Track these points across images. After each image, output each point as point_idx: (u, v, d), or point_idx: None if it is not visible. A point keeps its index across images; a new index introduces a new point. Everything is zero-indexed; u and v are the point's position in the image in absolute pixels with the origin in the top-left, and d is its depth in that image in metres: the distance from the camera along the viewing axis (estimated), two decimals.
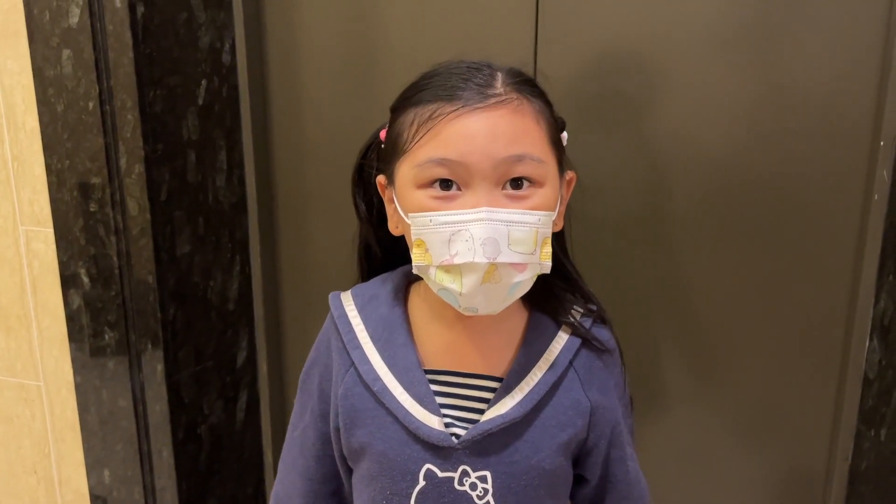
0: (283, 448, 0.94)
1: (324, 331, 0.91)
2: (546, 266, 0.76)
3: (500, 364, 0.84)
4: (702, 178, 1.18)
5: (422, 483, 0.81)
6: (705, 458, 1.30)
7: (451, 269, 0.73)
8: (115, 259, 1.28)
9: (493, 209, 0.72)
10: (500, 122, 0.73)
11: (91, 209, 1.27)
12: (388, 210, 0.83)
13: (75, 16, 1.18)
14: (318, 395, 0.89)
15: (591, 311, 0.88)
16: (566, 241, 0.89)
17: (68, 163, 1.26)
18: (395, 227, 0.83)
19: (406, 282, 0.89)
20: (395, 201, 0.79)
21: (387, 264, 0.93)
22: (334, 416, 0.86)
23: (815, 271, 1.17)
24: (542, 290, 0.82)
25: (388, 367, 0.83)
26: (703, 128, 1.16)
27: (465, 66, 0.76)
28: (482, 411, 0.82)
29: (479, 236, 0.71)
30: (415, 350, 0.83)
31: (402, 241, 0.83)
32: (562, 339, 0.85)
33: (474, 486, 0.81)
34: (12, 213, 1.35)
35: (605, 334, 0.88)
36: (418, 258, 0.75)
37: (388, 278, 0.90)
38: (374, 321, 0.85)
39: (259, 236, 1.43)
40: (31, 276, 1.38)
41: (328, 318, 0.89)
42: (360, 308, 0.87)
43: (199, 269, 1.35)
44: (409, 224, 0.76)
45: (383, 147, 0.83)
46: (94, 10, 1.18)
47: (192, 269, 1.34)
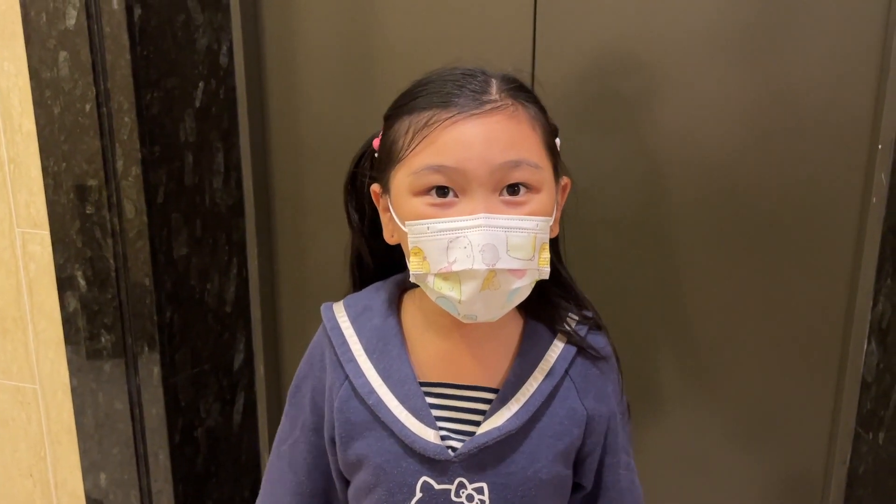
0: (267, 464, 0.93)
1: (316, 343, 0.89)
2: (545, 272, 0.76)
3: (495, 375, 0.83)
4: (700, 181, 1.18)
5: (418, 495, 0.80)
6: (704, 462, 1.30)
7: (450, 276, 0.73)
8: (112, 261, 1.28)
9: (491, 215, 0.71)
10: (497, 129, 0.73)
11: (88, 211, 1.26)
12: (383, 219, 0.82)
13: (72, 18, 1.18)
14: (311, 408, 0.88)
15: (587, 318, 0.88)
16: (560, 246, 0.89)
17: (65, 165, 1.25)
18: (391, 236, 0.82)
19: (399, 291, 0.88)
20: (390, 210, 0.79)
21: (379, 274, 0.92)
22: (329, 428, 0.85)
23: (813, 274, 1.17)
24: (538, 298, 0.81)
25: (382, 380, 0.82)
26: (702, 130, 1.16)
27: (459, 73, 0.76)
28: (478, 423, 0.81)
29: (477, 243, 0.71)
30: (409, 362, 0.83)
31: (394, 250, 0.83)
32: (557, 348, 0.84)
33: (471, 498, 0.80)
34: (8, 215, 1.34)
35: (600, 341, 0.88)
36: (416, 266, 0.75)
37: (381, 287, 0.89)
38: (367, 332, 0.85)
39: (256, 239, 1.42)
40: (28, 278, 1.37)
41: (320, 330, 0.88)
42: (353, 319, 0.86)
43: (196, 271, 1.35)
44: (405, 232, 0.75)
45: (377, 156, 0.82)
46: (91, 12, 1.18)
47: (189, 272, 1.34)
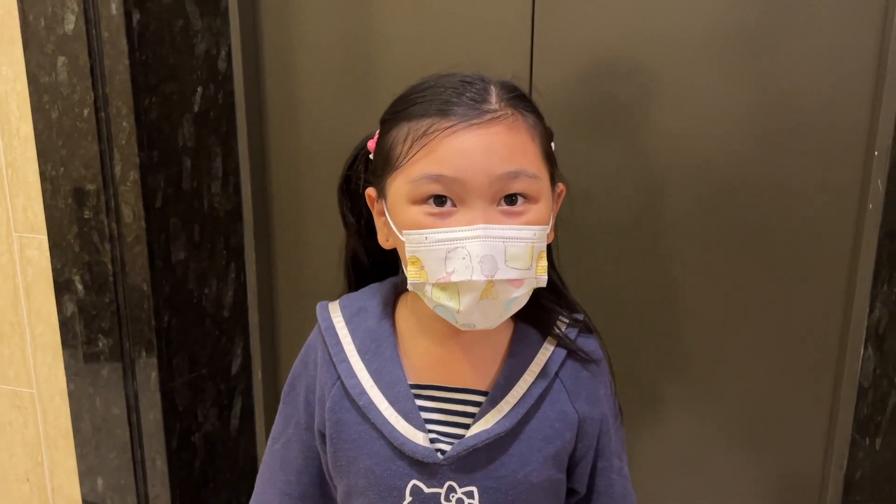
0: (261, 463, 0.93)
1: (310, 342, 0.90)
2: (542, 280, 0.76)
3: (485, 377, 0.83)
4: (697, 186, 1.18)
5: (408, 499, 0.80)
6: (700, 467, 1.30)
7: (448, 286, 0.73)
8: (110, 266, 1.27)
9: (490, 226, 0.71)
10: (496, 139, 0.73)
11: (86, 216, 1.26)
12: (378, 224, 0.82)
13: (71, 23, 1.18)
14: (304, 407, 0.88)
15: (577, 322, 0.87)
16: (554, 251, 0.89)
17: (63, 170, 1.25)
18: (386, 241, 0.82)
19: (395, 293, 0.88)
20: (386, 215, 0.79)
21: (375, 274, 0.92)
22: (321, 427, 0.85)
23: (810, 280, 1.17)
24: (529, 301, 0.81)
25: (374, 381, 0.82)
26: (698, 136, 1.16)
27: (457, 80, 0.76)
28: (468, 426, 0.81)
29: (476, 253, 0.71)
30: (401, 364, 0.83)
31: (390, 251, 0.83)
32: (547, 351, 0.84)
33: (461, 502, 0.80)
34: (6, 219, 1.34)
35: (591, 344, 0.87)
36: (413, 276, 0.75)
37: (377, 290, 0.89)
38: (361, 333, 0.85)
39: (254, 243, 1.42)
40: (25, 282, 1.37)
41: (315, 330, 0.88)
42: (348, 320, 0.86)
43: (194, 276, 1.35)
44: (402, 241, 0.75)
45: (373, 159, 0.82)
46: (90, 17, 1.18)
47: (186, 277, 1.34)
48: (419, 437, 0.80)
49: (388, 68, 1.29)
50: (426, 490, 0.80)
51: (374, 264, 0.92)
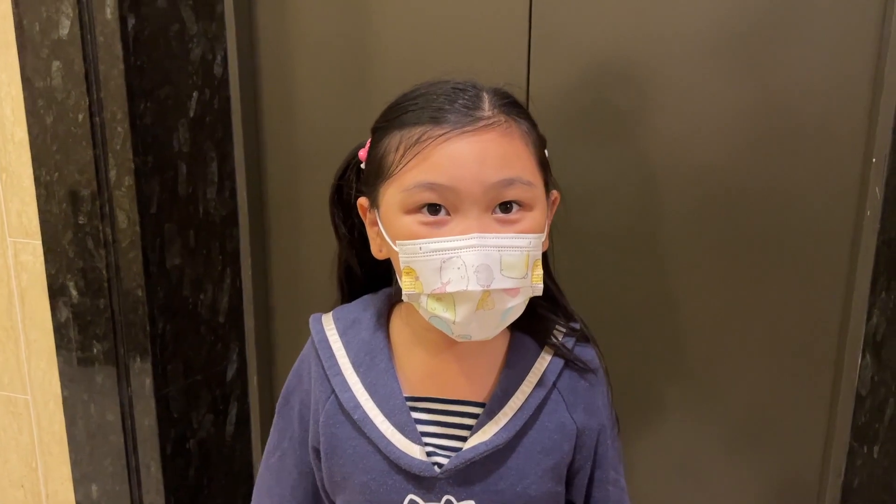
0: (257, 476, 0.92)
1: (304, 355, 0.89)
2: (538, 288, 0.75)
3: (482, 389, 0.82)
4: (694, 192, 1.18)
5: None
6: (698, 474, 1.29)
7: (444, 297, 0.72)
8: (104, 272, 1.27)
9: (484, 235, 0.70)
10: (490, 146, 0.72)
11: (80, 221, 1.26)
12: (371, 233, 0.81)
13: (65, 27, 1.18)
14: (299, 421, 0.87)
15: (574, 331, 0.87)
16: (549, 259, 0.88)
17: (57, 175, 1.25)
18: (379, 251, 0.80)
19: (389, 304, 0.87)
20: (379, 225, 0.78)
21: (369, 285, 0.91)
22: (315, 441, 0.84)
23: (808, 287, 1.16)
24: (525, 310, 0.80)
25: (369, 395, 0.81)
26: (696, 142, 1.16)
27: (450, 87, 0.75)
28: (465, 438, 0.80)
29: (471, 263, 0.70)
30: (396, 376, 0.82)
31: (383, 261, 0.82)
32: (544, 361, 0.83)
33: None
34: (0, 224, 1.33)
35: (588, 353, 0.87)
36: (408, 286, 0.73)
37: (371, 301, 0.88)
38: (355, 346, 0.84)
39: (250, 249, 1.42)
40: (19, 287, 1.37)
41: (308, 342, 0.87)
42: (342, 332, 0.85)
43: (189, 281, 1.34)
44: (396, 251, 0.74)
45: (365, 168, 0.81)
46: (85, 22, 1.17)
47: (182, 282, 1.33)
48: (415, 451, 0.79)
49: (385, 73, 1.29)
50: None
51: (368, 275, 0.91)
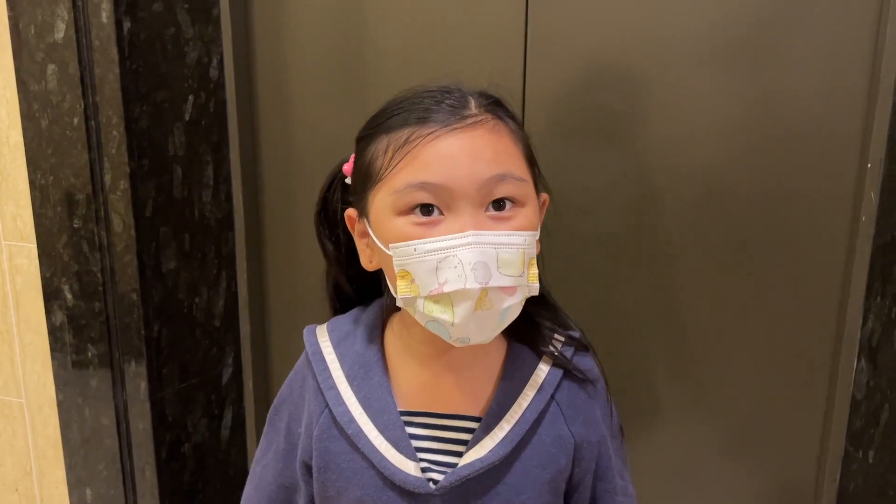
0: (246, 483, 0.91)
1: (298, 367, 0.88)
2: (534, 288, 0.74)
3: (478, 402, 0.81)
4: (689, 195, 1.18)
5: None
6: (693, 479, 1.29)
7: (441, 298, 0.70)
8: (99, 275, 1.27)
9: (480, 232, 0.69)
10: (479, 142, 0.71)
11: (75, 225, 1.25)
12: (360, 245, 0.80)
13: (61, 30, 1.17)
14: (285, 434, 0.86)
15: (573, 339, 0.85)
16: (539, 265, 0.86)
17: (52, 178, 1.24)
18: (370, 262, 0.79)
19: (383, 316, 0.86)
20: (369, 233, 0.76)
21: (359, 301, 0.90)
22: (307, 456, 0.83)
23: (803, 292, 1.16)
24: (521, 319, 0.79)
25: (363, 409, 0.80)
26: (692, 146, 1.16)
27: (434, 90, 0.75)
28: (461, 454, 0.79)
29: (468, 261, 0.68)
30: (390, 390, 0.80)
31: (373, 274, 0.81)
32: (542, 372, 0.81)
33: None
34: None
35: (587, 363, 0.85)
36: (404, 290, 0.72)
37: (365, 312, 0.87)
38: (349, 359, 0.83)
39: (246, 252, 1.41)
40: (14, 291, 1.36)
41: (303, 355, 0.86)
42: (336, 344, 0.84)
43: (184, 285, 1.34)
44: (389, 255, 0.72)
45: (351, 179, 0.80)
46: (80, 25, 1.17)
47: (177, 286, 1.33)
48: (410, 467, 0.77)
49: (381, 76, 1.29)
50: None
51: (358, 292, 0.90)
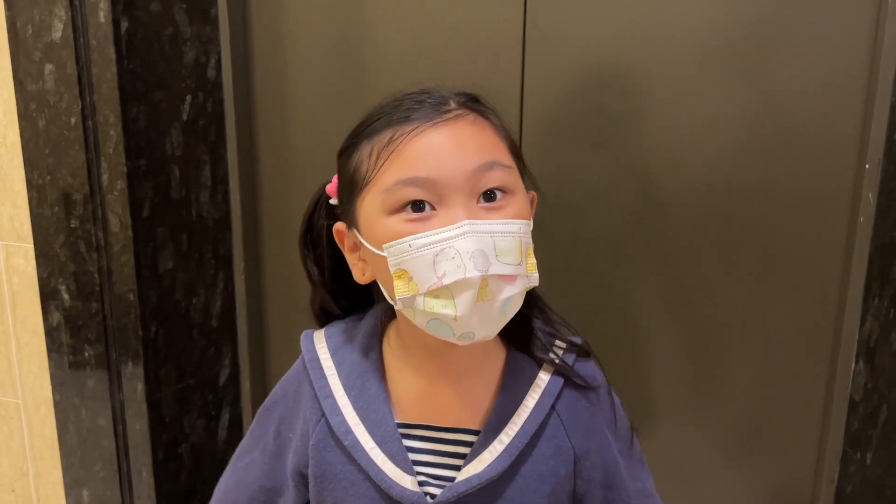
0: (222, 475, 0.89)
1: (294, 371, 0.86)
2: (534, 278, 0.72)
3: (477, 414, 0.79)
4: (687, 197, 1.18)
5: None
6: (691, 480, 1.29)
7: (441, 292, 0.68)
8: (96, 275, 1.26)
9: (475, 221, 0.68)
10: (463, 133, 0.71)
11: (72, 225, 1.25)
12: (351, 260, 0.79)
13: (58, 30, 1.17)
14: (275, 435, 0.85)
15: (574, 346, 0.82)
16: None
17: (49, 178, 1.24)
18: (363, 275, 0.78)
19: (382, 323, 0.84)
20: (360, 242, 0.75)
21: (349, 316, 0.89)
22: (302, 465, 0.82)
23: (801, 293, 1.16)
24: (519, 326, 0.78)
25: (360, 419, 0.78)
26: (690, 148, 1.16)
27: (413, 93, 0.75)
28: (459, 467, 0.77)
29: (466, 250, 0.67)
30: (388, 401, 0.79)
31: (362, 290, 0.80)
32: (542, 381, 0.79)
33: None
34: None
35: (589, 369, 0.82)
36: (402, 290, 0.70)
37: (363, 320, 0.85)
38: (346, 367, 0.81)
39: (243, 253, 1.41)
40: (11, 291, 1.36)
41: (300, 360, 0.85)
42: (333, 351, 0.83)
43: (181, 285, 1.34)
44: (383, 257, 0.71)
45: (337, 193, 0.79)
46: (78, 25, 1.17)
47: (174, 286, 1.33)
48: (407, 481, 0.76)
49: (380, 77, 1.29)
50: None
51: (347, 308, 0.88)
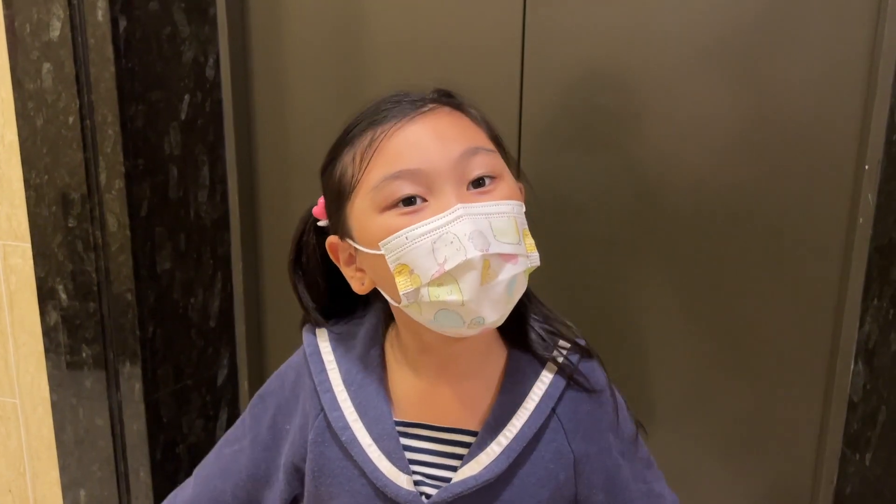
0: (205, 458, 0.89)
1: (293, 362, 0.86)
2: (534, 258, 0.71)
3: (476, 415, 0.78)
4: (686, 198, 1.18)
5: None
6: (690, 481, 1.29)
7: (445, 278, 0.67)
8: (94, 275, 1.26)
9: (468, 204, 0.68)
10: (442, 124, 0.72)
11: (70, 224, 1.25)
12: (348, 273, 0.78)
13: (56, 29, 1.17)
14: (269, 425, 0.84)
15: (578, 346, 0.81)
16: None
17: (47, 177, 1.24)
18: (361, 285, 0.77)
19: (385, 321, 0.84)
20: (355, 248, 0.74)
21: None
22: (298, 458, 0.82)
23: (800, 294, 1.16)
24: (519, 325, 0.77)
25: (358, 415, 0.78)
26: (689, 149, 1.16)
27: (388, 96, 0.75)
28: (457, 468, 0.77)
29: (463, 232, 0.66)
30: (387, 399, 0.79)
31: (356, 301, 0.80)
32: (543, 383, 0.78)
33: None
34: None
35: (593, 371, 0.81)
36: (405, 285, 0.69)
37: (367, 315, 0.85)
38: (347, 363, 0.81)
39: (241, 253, 1.41)
40: (8, 291, 1.35)
41: (300, 352, 0.85)
42: (335, 347, 0.82)
43: (179, 285, 1.33)
44: (381, 256, 0.70)
45: (325, 205, 0.80)
46: (76, 24, 1.16)
47: (172, 286, 1.32)
48: (402, 480, 0.76)
49: (379, 76, 1.28)
50: None
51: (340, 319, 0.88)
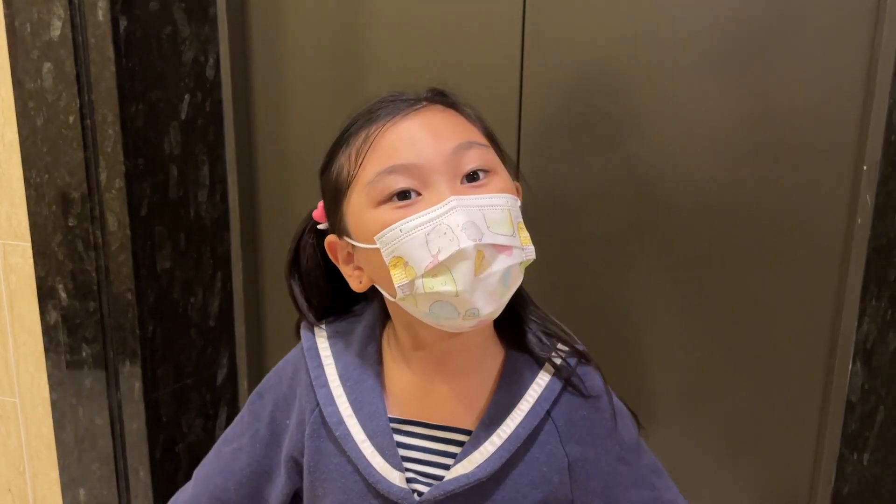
0: (204, 458, 0.89)
1: (290, 358, 0.87)
2: (529, 251, 0.71)
3: (471, 414, 0.78)
4: (685, 199, 1.18)
5: None
6: (688, 482, 1.29)
7: (439, 269, 0.67)
8: (94, 274, 1.26)
9: (461, 196, 0.69)
10: (435, 120, 0.73)
11: (70, 224, 1.25)
12: (346, 271, 0.79)
13: (57, 28, 1.17)
14: (268, 421, 0.85)
15: (576, 350, 0.81)
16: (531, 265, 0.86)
17: (47, 177, 1.24)
18: (359, 283, 0.78)
19: (383, 318, 0.84)
20: (352, 245, 0.75)
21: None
22: (297, 452, 0.82)
23: (798, 294, 1.17)
24: (515, 326, 0.77)
25: (353, 411, 0.78)
26: (687, 148, 1.16)
27: (383, 97, 0.76)
28: (450, 466, 0.77)
29: (457, 223, 0.67)
30: (382, 395, 0.79)
31: (352, 299, 0.81)
32: (540, 385, 0.78)
33: None
34: None
35: (591, 376, 0.82)
36: (400, 277, 0.69)
37: (364, 314, 0.85)
38: (344, 359, 0.81)
39: (241, 252, 1.41)
40: (8, 290, 1.36)
41: (297, 348, 0.85)
42: (332, 342, 0.83)
43: (179, 285, 1.34)
44: (377, 249, 0.70)
45: (324, 203, 0.80)
46: (76, 23, 1.17)
47: (172, 286, 1.32)
48: (394, 477, 0.76)
49: (379, 76, 1.29)
50: None
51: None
